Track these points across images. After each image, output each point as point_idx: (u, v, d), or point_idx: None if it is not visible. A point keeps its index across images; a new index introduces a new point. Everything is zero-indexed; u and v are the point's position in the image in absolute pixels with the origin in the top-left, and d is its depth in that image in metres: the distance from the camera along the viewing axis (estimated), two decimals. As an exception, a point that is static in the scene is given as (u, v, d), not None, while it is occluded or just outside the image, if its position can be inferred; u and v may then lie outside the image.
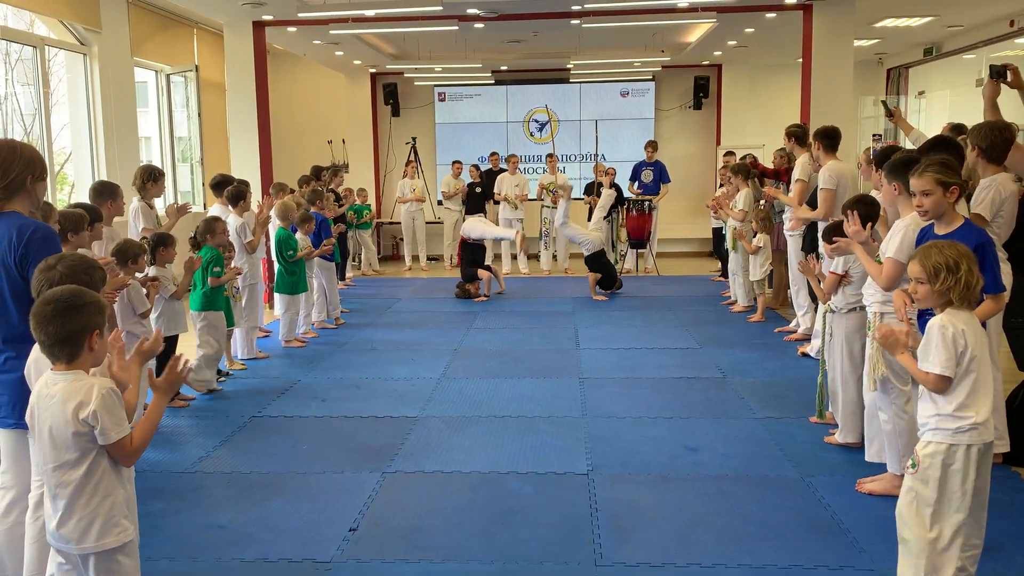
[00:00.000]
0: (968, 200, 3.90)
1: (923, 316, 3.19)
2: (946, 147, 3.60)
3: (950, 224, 3.24)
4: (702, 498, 3.84)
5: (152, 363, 5.18)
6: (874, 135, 5.71)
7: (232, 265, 6.07)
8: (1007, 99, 4.31)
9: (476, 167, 12.15)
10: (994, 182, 3.89)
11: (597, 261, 9.19)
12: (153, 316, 5.13)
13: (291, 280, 7.00)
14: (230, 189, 6.70)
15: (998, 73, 4.12)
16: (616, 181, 11.27)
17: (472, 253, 9.40)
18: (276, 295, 7.16)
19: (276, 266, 7.15)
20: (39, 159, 3.01)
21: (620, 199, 11.23)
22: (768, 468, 4.20)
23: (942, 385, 2.67)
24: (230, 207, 6.69)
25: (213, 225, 5.74)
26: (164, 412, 2.52)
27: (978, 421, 2.65)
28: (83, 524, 2.31)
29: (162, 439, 4.76)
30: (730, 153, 10.89)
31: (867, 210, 4.45)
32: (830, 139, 6.03)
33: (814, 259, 4.93)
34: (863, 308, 4.26)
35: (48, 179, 3.13)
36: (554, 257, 11.47)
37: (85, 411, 2.24)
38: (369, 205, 11.88)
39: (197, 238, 5.78)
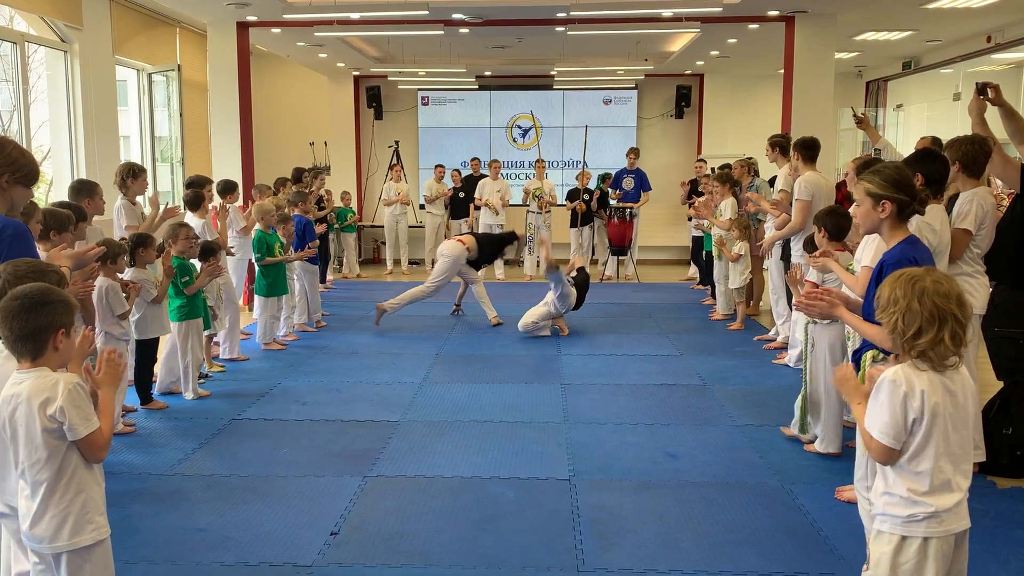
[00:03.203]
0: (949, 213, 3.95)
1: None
2: (933, 159, 3.64)
3: (889, 241, 3.02)
4: (683, 505, 3.86)
5: (132, 364, 5.16)
6: (875, 148, 5.80)
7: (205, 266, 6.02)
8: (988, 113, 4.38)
9: (458, 172, 12.16)
10: (975, 196, 3.95)
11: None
12: (133, 318, 5.07)
13: (266, 282, 6.96)
14: (187, 194, 6.64)
15: (980, 90, 4.19)
16: (590, 187, 11.31)
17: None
18: (255, 297, 7.13)
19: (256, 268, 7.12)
20: (25, 162, 2.94)
21: (603, 201, 11.29)
22: (748, 476, 4.22)
23: (884, 456, 2.19)
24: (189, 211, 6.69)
25: (176, 232, 5.57)
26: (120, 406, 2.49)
27: (940, 508, 2.16)
28: (56, 522, 2.29)
29: (140, 441, 4.72)
30: (702, 160, 10.97)
31: (838, 222, 4.51)
32: (809, 149, 6.09)
33: (799, 268, 4.97)
34: None
35: (31, 187, 3.05)
36: (537, 263, 11.48)
37: (52, 407, 2.24)
38: (352, 208, 11.84)
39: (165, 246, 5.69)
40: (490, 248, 8.36)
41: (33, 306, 2.26)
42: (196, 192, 6.66)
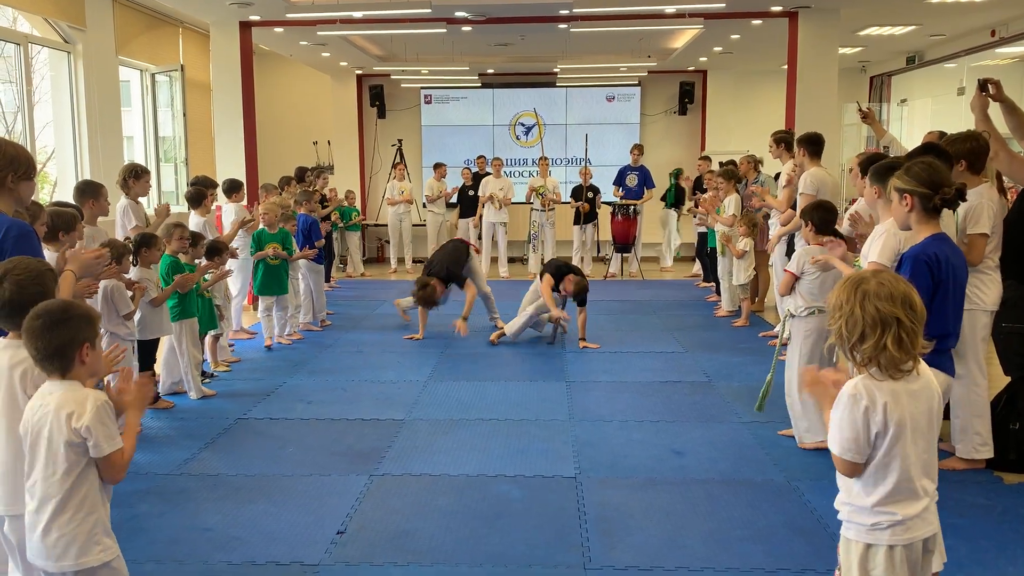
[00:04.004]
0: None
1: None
2: (937, 154, 3.62)
3: (917, 236, 2.96)
4: (689, 502, 3.85)
5: (135, 365, 5.16)
6: (884, 146, 5.82)
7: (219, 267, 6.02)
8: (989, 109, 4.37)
9: (468, 169, 12.13)
10: (982, 196, 3.91)
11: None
12: (138, 316, 5.08)
13: (256, 280, 6.98)
14: (189, 191, 6.69)
15: (982, 87, 4.19)
16: (594, 183, 11.28)
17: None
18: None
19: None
20: (24, 158, 2.98)
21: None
22: (754, 472, 4.22)
23: (849, 470, 2.14)
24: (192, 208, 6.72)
25: (171, 231, 5.56)
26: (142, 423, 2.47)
27: (906, 515, 2.11)
28: (64, 541, 2.26)
29: (147, 441, 4.72)
30: (705, 158, 10.95)
31: (824, 216, 4.50)
32: (814, 145, 6.09)
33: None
34: (822, 311, 4.29)
35: (35, 178, 3.10)
36: (542, 260, 11.47)
37: (79, 422, 2.22)
38: (356, 207, 11.84)
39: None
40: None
41: (55, 324, 2.26)
42: (198, 189, 6.67)
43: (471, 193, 11.75)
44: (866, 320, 2.05)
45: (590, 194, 11.10)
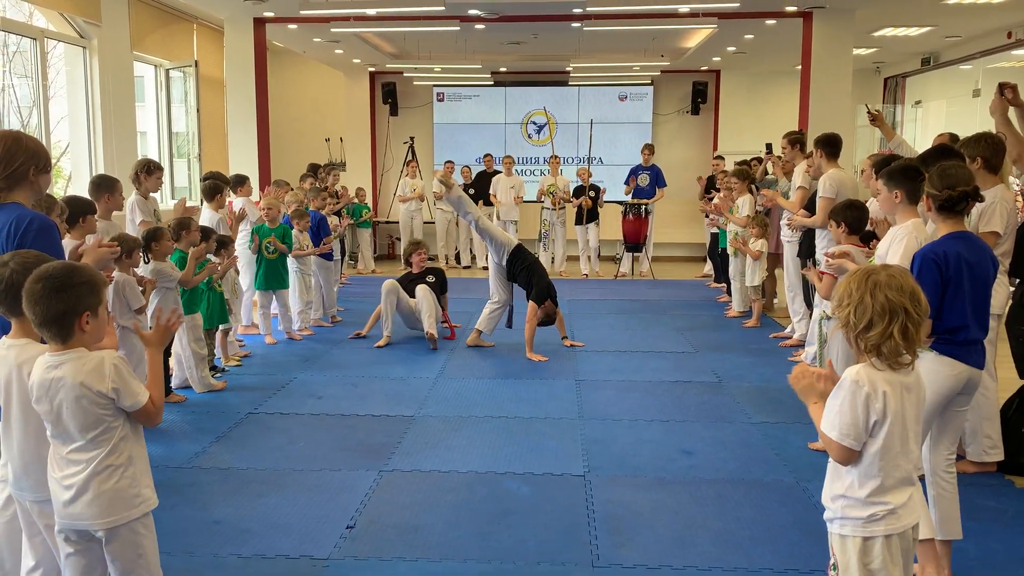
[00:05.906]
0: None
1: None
2: (949, 156, 3.60)
3: (938, 235, 3.02)
4: (698, 501, 3.85)
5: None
6: (898, 151, 5.79)
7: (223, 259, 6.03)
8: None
9: (468, 168, 12.14)
10: (995, 196, 3.89)
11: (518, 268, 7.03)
12: (152, 309, 5.11)
13: (257, 275, 6.99)
14: (205, 184, 6.72)
15: (1001, 91, 4.18)
16: (595, 183, 11.25)
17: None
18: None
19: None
20: (43, 151, 3.03)
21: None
22: (764, 472, 4.21)
23: (845, 457, 2.18)
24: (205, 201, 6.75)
25: (187, 223, 5.59)
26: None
27: (898, 504, 2.17)
28: (105, 498, 2.26)
29: (158, 434, 4.74)
30: (719, 158, 10.92)
31: (858, 215, 4.47)
32: (832, 146, 6.04)
33: (812, 265, 4.94)
34: None
35: (51, 172, 3.14)
36: (552, 259, 11.46)
37: (103, 385, 2.23)
38: (367, 204, 11.86)
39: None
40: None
41: (56, 289, 2.22)
42: (214, 183, 6.70)
43: (471, 192, 11.75)
44: (875, 308, 2.11)
45: (592, 193, 11.08)
